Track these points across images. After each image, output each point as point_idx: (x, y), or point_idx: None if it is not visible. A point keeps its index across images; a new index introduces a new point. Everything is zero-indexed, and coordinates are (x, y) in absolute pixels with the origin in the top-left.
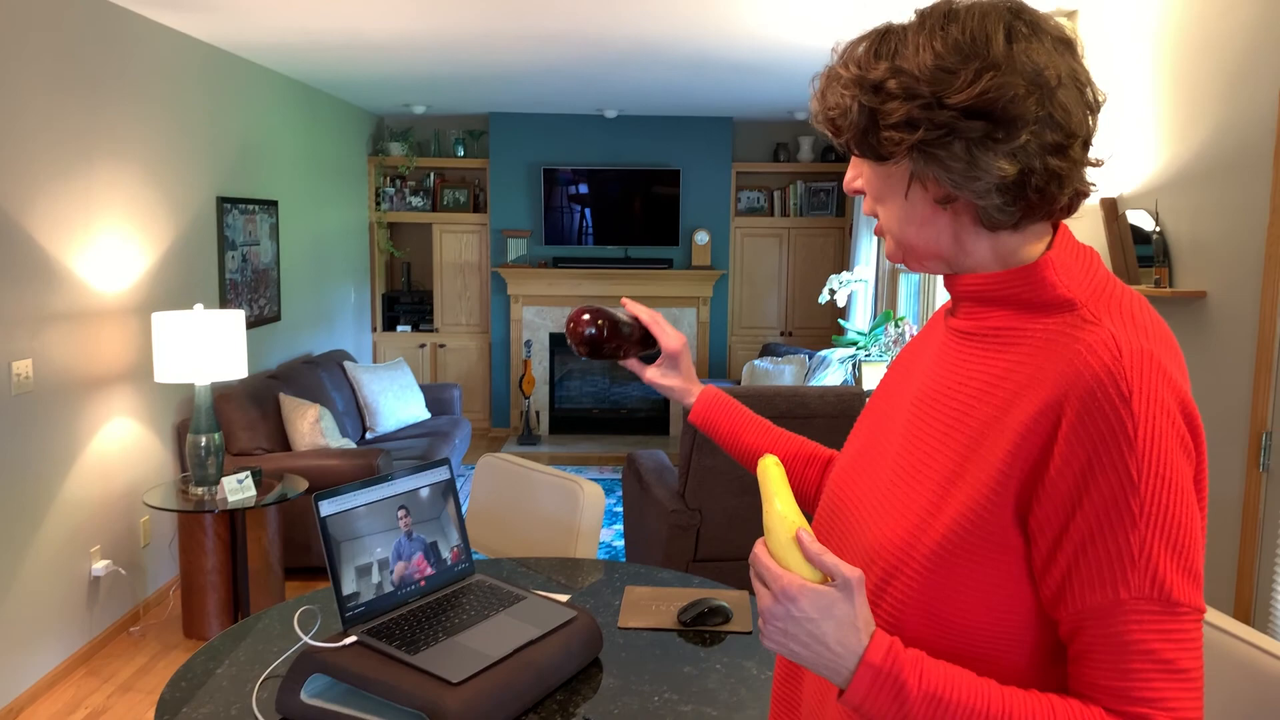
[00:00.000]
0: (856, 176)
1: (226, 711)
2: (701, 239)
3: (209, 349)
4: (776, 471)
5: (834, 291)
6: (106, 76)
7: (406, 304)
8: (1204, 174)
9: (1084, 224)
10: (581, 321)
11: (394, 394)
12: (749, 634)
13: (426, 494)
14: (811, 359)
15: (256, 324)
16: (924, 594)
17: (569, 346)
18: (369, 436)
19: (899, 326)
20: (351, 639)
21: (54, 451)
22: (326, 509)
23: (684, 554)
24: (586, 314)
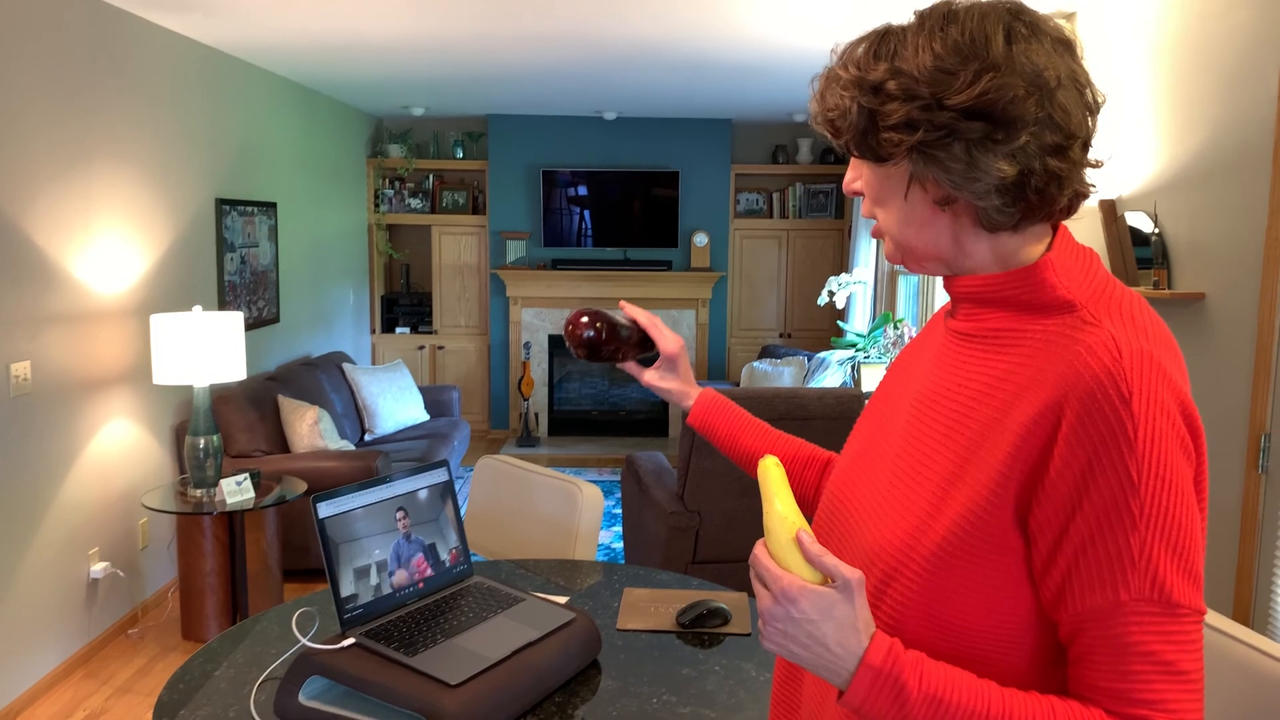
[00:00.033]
0: (856, 178)
1: (224, 713)
2: (700, 241)
3: (207, 351)
4: (777, 472)
5: (833, 293)
6: (105, 78)
7: (405, 306)
8: (1203, 175)
9: (1083, 225)
10: (580, 324)
11: (393, 396)
12: (748, 636)
13: (425, 496)
14: (810, 361)
15: (255, 326)
16: (924, 595)
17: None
18: (368, 438)
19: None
20: (350, 641)
21: (52, 453)
22: (325, 511)
23: (683, 556)
24: (585, 316)
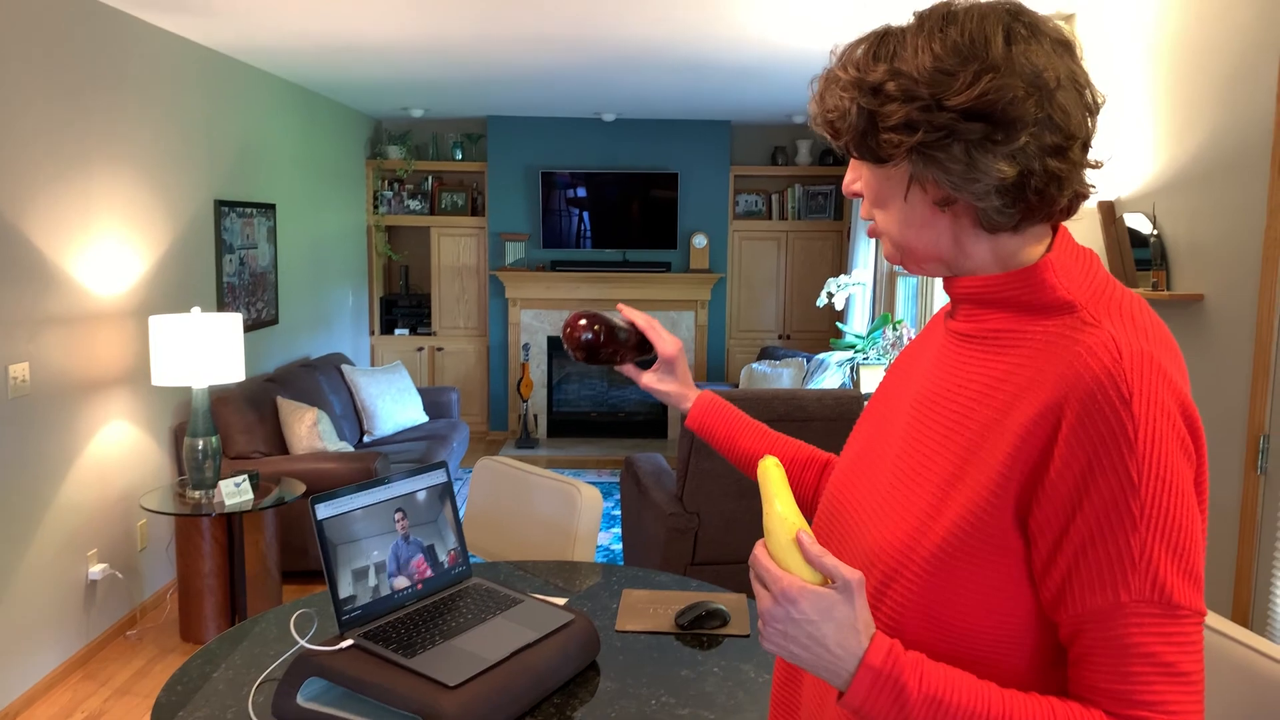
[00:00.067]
0: (855, 179)
1: (223, 715)
2: (699, 242)
3: (206, 352)
4: (777, 473)
5: (832, 295)
6: (104, 80)
7: (404, 307)
8: (1201, 177)
9: (1082, 227)
10: (578, 327)
11: (392, 397)
12: (746, 637)
13: (423, 497)
14: (809, 362)
15: (254, 327)
16: (924, 597)
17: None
18: (366, 440)
19: (897, 329)
20: (348, 642)
21: (51, 455)
22: (323, 512)
23: (682, 557)
24: (583, 319)
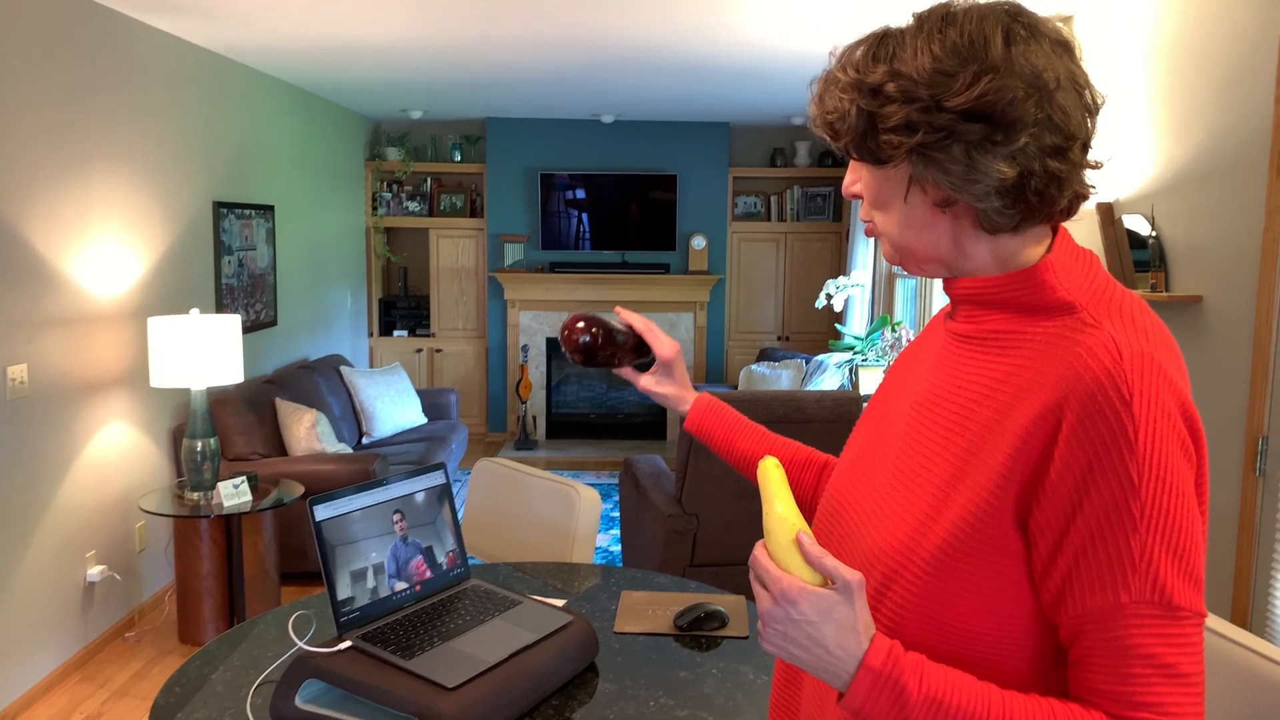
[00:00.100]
0: (855, 181)
1: (221, 717)
2: (698, 244)
3: (205, 354)
4: (777, 474)
5: (831, 296)
6: (103, 81)
7: (403, 309)
8: (1200, 178)
9: (1080, 228)
10: (576, 329)
11: (390, 399)
12: (745, 639)
13: (422, 498)
14: (808, 364)
15: (253, 329)
16: (924, 598)
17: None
18: (365, 441)
19: (895, 331)
20: (346, 644)
21: (49, 456)
22: (322, 513)
23: (680, 559)
24: (580, 322)
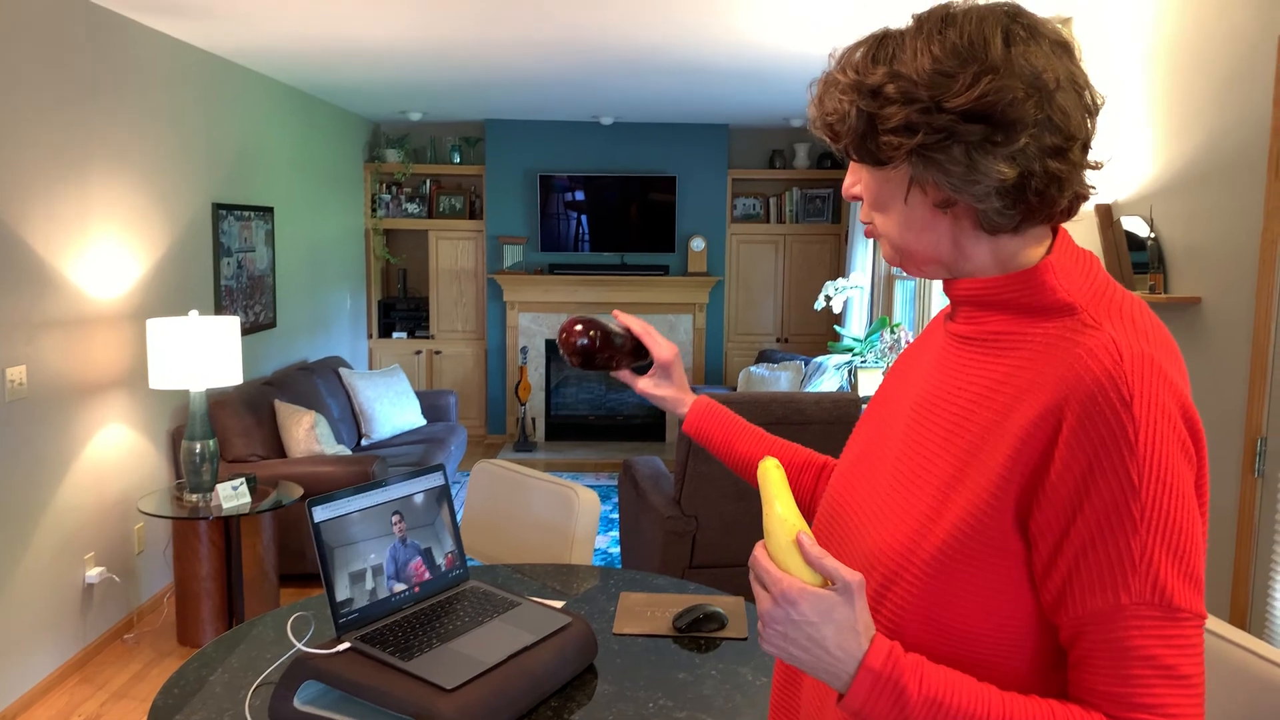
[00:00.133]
0: (855, 182)
1: (219, 718)
2: (697, 245)
3: (204, 355)
4: (777, 474)
5: (830, 298)
6: (102, 83)
7: (402, 310)
8: (1199, 180)
9: (1079, 230)
10: (574, 332)
11: (389, 400)
12: (744, 640)
13: (421, 500)
14: (807, 365)
15: (252, 330)
16: (924, 599)
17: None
18: (364, 443)
19: (894, 332)
20: (345, 645)
21: (48, 458)
22: (320, 515)
23: (679, 560)
24: (578, 324)
